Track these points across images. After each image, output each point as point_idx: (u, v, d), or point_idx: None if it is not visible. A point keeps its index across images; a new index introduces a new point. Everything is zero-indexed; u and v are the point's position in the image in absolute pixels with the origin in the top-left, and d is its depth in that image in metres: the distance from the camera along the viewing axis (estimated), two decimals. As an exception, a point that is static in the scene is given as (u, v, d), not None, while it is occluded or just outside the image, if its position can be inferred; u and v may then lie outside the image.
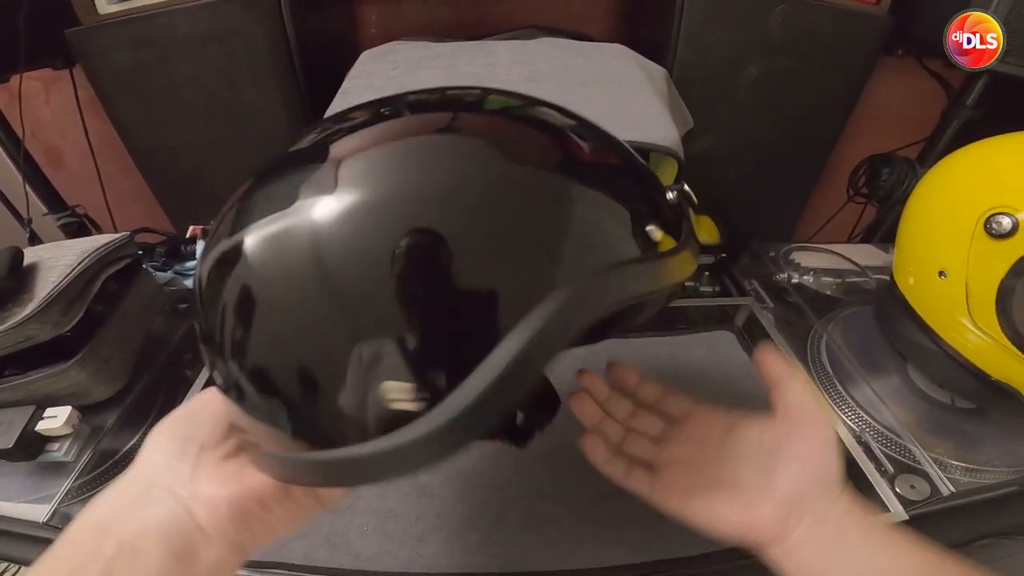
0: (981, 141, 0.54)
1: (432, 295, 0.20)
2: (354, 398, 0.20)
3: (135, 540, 0.23)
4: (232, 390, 0.24)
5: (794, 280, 0.75)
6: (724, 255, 0.83)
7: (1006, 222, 0.46)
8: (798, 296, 0.73)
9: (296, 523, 0.28)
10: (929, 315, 0.54)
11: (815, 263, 0.78)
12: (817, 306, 0.71)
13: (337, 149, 0.24)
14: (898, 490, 0.50)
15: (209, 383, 0.28)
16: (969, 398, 0.57)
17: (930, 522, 0.49)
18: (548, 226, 0.22)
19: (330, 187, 0.21)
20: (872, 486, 0.50)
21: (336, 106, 0.55)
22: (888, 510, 0.48)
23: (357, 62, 0.65)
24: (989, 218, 0.47)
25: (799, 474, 0.32)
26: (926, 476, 0.51)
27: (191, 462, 0.26)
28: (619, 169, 0.28)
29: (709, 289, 0.77)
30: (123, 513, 0.24)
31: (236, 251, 0.22)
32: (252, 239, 0.22)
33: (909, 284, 0.57)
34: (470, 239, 0.21)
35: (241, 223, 0.23)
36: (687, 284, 0.77)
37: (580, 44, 0.68)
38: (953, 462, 0.53)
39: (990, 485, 0.52)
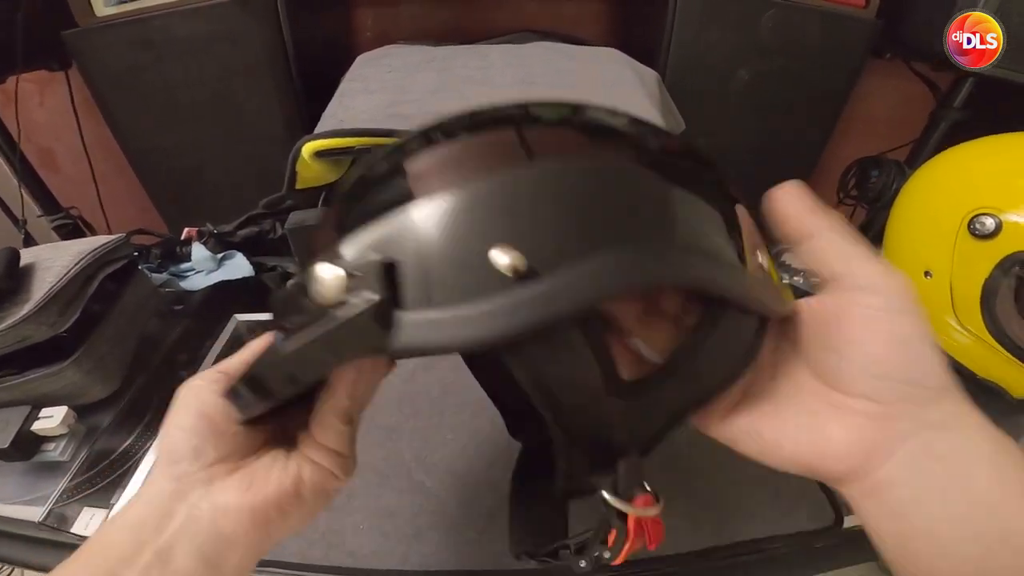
0: (964, 144, 0.55)
1: None
2: None
3: (168, 550, 0.24)
4: None
5: (785, 281, 0.76)
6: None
7: (989, 223, 0.47)
8: (789, 297, 0.73)
9: (305, 521, 0.28)
10: (916, 314, 0.55)
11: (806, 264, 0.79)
12: (807, 306, 0.71)
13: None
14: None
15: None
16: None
17: None
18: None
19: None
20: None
21: (333, 110, 0.55)
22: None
23: (353, 65, 0.65)
24: (972, 219, 0.48)
25: (869, 374, 0.22)
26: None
27: (204, 476, 0.26)
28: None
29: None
30: (154, 525, 0.25)
31: None
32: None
33: (896, 284, 0.58)
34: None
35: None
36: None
37: (573, 48, 0.69)
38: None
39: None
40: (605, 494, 0.25)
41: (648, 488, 0.26)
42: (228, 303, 0.70)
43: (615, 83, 0.59)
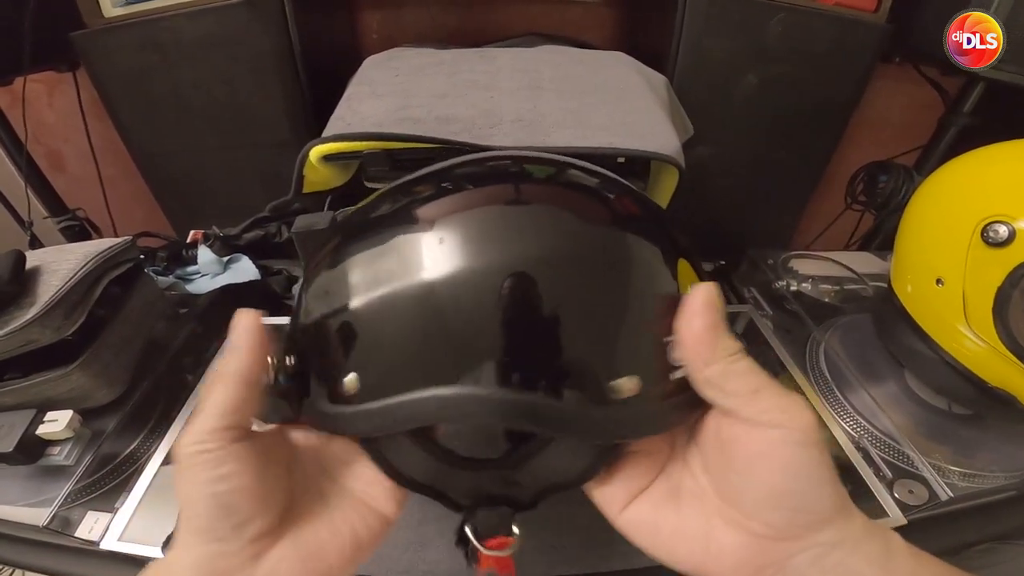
0: (978, 149, 0.55)
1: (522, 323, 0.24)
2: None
3: None
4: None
5: (792, 288, 0.75)
6: (723, 262, 0.83)
7: (1003, 230, 0.47)
8: (796, 304, 0.73)
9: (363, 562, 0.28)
10: (927, 322, 0.55)
11: (813, 271, 0.79)
12: (815, 313, 0.71)
13: (426, 216, 0.28)
14: (896, 495, 0.50)
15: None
16: (966, 404, 0.57)
17: (928, 527, 0.50)
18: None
19: (434, 253, 0.26)
20: (871, 492, 0.50)
21: (341, 113, 0.55)
22: (887, 515, 0.49)
23: (360, 68, 0.65)
24: (986, 226, 0.48)
25: (764, 503, 0.23)
26: (924, 481, 0.52)
27: (249, 552, 0.24)
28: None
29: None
30: None
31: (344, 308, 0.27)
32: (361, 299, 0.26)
33: (907, 292, 0.57)
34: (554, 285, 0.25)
35: (349, 284, 0.27)
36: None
37: (581, 52, 0.69)
38: (951, 467, 0.53)
39: (987, 490, 0.52)
40: (466, 528, 0.30)
41: (515, 531, 0.30)
42: (234, 306, 0.69)
43: (624, 88, 0.59)
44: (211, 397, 0.24)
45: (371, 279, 0.26)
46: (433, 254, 0.25)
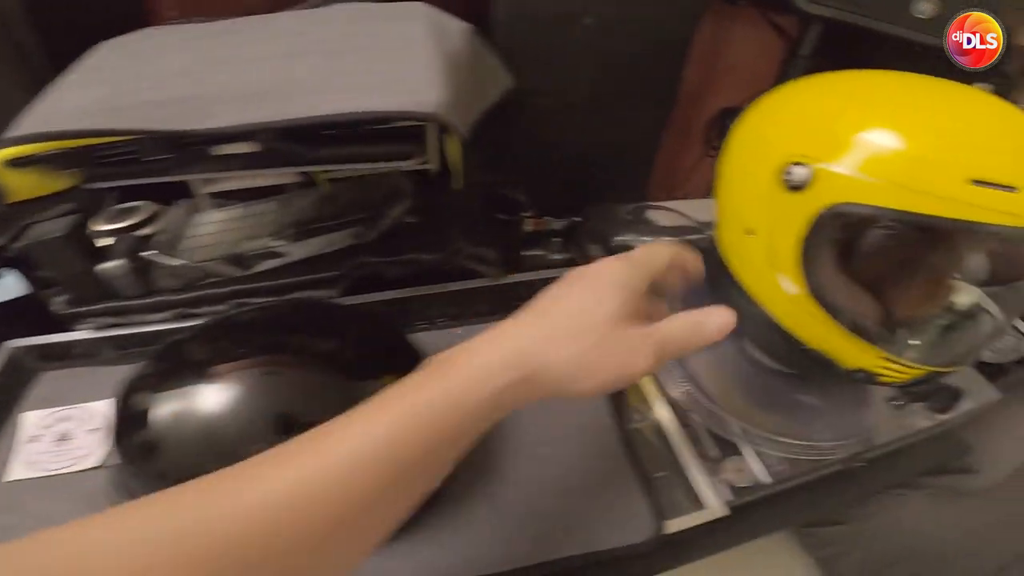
0: (782, 85, 0.50)
1: None
2: None
3: None
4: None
5: (633, 244, 0.70)
6: (577, 219, 0.77)
7: (800, 172, 0.41)
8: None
9: None
10: (745, 277, 0.50)
11: (667, 222, 0.74)
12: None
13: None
14: (725, 473, 0.48)
15: None
16: (789, 365, 0.54)
17: (756, 506, 0.48)
18: None
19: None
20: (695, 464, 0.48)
21: (37, 107, 0.45)
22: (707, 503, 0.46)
23: (90, 52, 0.54)
24: (783, 169, 0.42)
25: None
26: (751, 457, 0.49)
27: None
28: None
29: (559, 257, 0.71)
30: None
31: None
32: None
33: (724, 243, 0.52)
34: None
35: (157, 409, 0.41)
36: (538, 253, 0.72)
37: (370, 7, 0.60)
38: (780, 438, 0.51)
39: (817, 462, 0.51)
40: None
41: None
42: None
43: (396, 45, 0.50)
44: None
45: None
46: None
